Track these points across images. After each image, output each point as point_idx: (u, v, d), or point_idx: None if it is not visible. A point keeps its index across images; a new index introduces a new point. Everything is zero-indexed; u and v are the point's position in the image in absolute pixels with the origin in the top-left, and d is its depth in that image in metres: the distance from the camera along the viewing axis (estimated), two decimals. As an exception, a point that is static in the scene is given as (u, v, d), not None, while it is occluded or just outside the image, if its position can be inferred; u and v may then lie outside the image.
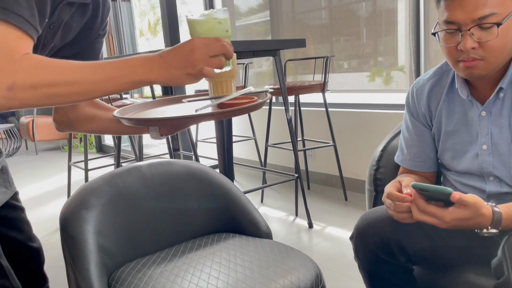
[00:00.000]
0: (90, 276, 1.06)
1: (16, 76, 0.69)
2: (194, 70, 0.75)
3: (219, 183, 1.45)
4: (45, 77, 0.71)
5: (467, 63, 0.94)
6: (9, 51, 0.70)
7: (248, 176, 3.85)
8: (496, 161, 1.01)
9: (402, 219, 0.94)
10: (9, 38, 0.70)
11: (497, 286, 0.88)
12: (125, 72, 0.74)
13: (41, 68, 0.71)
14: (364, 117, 3.04)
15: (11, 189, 1.13)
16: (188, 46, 0.75)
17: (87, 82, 0.73)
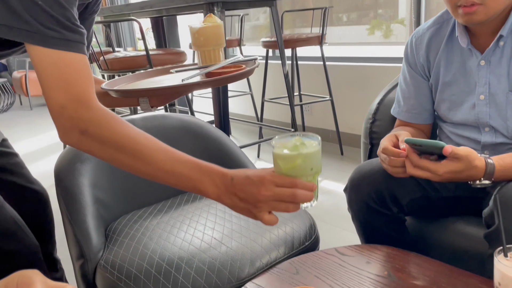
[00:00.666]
0: (87, 227, 1.07)
1: (89, 124, 0.72)
2: (255, 211, 0.71)
3: (214, 137, 1.44)
4: (116, 139, 0.73)
5: (467, 8, 0.92)
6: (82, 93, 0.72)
7: (245, 131, 3.85)
8: (493, 111, 1.01)
9: (396, 173, 0.94)
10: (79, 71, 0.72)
11: (487, 234, 0.90)
12: (193, 177, 0.73)
13: (114, 129, 0.74)
14: (362, 71, 2.99)
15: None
16: (259, 183, 0.70)
17: (152, 166, 0.74)
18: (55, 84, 0.71)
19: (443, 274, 0.86)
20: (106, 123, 0.74)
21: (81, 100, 0.72)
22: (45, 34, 0.69)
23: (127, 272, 0.96)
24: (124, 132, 0.74)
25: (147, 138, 0.75)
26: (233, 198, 0.72)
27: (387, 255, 0.96)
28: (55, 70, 0.71)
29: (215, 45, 1.02)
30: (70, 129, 0.73)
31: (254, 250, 1.00)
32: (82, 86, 0.73)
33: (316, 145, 0.72)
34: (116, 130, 0.74)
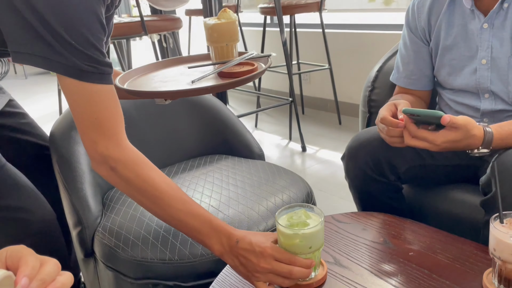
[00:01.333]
0: (84, 195, 1.07)
1: (118, 164, 0.78)
2: (253, 279, 0.76)
3: (212, 106, 1.43)
4: (139, 183, 0.80)
5: None
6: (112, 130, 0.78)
7: (242, 101, 3.82)
8: (494, 76, 0.99)
9: (393, 143, 0.94)
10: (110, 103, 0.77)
11: (484, 202, 0.90)
12: (203, 231, 0.80)
13: (140, 173, 0.80)
14: (362, 38, 2.94)
15: (4, 96, 1.12)
16: (260, 254, 0.75)
17: (167, 213, 0.81)
18: (88, 120, 0.76)
19: (438, 240, 0.87)
20: (133, 166, 0.80)
21: (112, 139, 0.78)
22: (80, 69, 0.72)
23: (125, 238, 0.96)
24: (148, 177, 0.81)
25: (168, 185, 0.82)
26: (235, 260, 0.78)
27: (383, 222, 0.96)
28: (88, 106, 0.76)
29: (228, 41, 1.02)
30: (101, 163, 0.79)
31: (251, 217, 1.01)
32: (113, 125, 0.78)
33: (317, 224, 0.75)
34: (140, 174, 0.80)
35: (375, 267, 0.81)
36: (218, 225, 0.80)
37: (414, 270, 0.79)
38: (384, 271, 0.80)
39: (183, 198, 0.82)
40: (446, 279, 0.75)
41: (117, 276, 0.98)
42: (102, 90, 0.76)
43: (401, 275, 0.78)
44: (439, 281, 0.75)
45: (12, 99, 1.18)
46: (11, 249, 0.42)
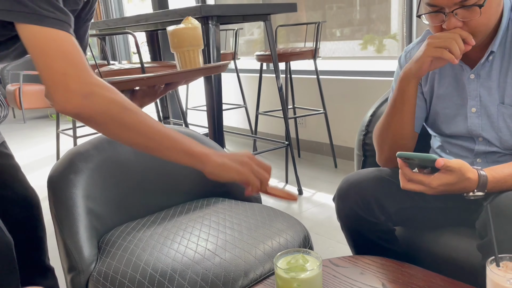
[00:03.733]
0: (79, 239, 1.07)
1: (95, 87, 0.77)
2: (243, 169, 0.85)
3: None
4: (120, 101, 0.79)
5: None
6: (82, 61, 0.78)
7: (239, 144, 3.85)
8: (485, 123, 1.02)
9: None
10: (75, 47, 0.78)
11: (480, 245, 0.90)
12: (186, 141, 0.84)
13: (117, 92, 0.80)
14: (356, 84, 3.03)
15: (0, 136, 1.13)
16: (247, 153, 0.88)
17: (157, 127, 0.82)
18: (56, 55, 0.75)
19: (436, 285, 0.86)
20: (108, 88, 0.79)
21: (83, 69, 0.77)
22: (41, 14, 0.74)
23: (120, 283, 0.95)
24: (124, 97, 0.80)
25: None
26: (223, 158, 0.84)
27: (380, 266, 0.96)
28: (54, 44, 0.75)
29: (189, 45, 1.06)
30: (72, 94, 0.76)
31: (248, 262, 1.00)
32: (81, 58, 0.78)
33: (315, 268, 0.77)
34: (117, 94, 0.80)
35: (373, 312, 0.80)
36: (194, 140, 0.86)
37: (413, 315, 0.78)
38: (383, 316, 0.78)
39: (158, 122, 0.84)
40: (445, 325, 0.74)
41: (110, 323, 0.95)
42: (66, 36, 0.77)
43: (400, 321, 0.77)
44: (439, 327, 0.74)
45: (5, 141, 1.20)
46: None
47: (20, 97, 5.61)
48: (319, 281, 0.76)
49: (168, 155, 0.84)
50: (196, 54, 1.08)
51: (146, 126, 0.81)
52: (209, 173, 0.85)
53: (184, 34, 1.06)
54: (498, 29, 0.97)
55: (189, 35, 1.06)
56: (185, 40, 1.05)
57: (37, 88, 5.66)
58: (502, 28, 0.97)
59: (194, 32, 1.06)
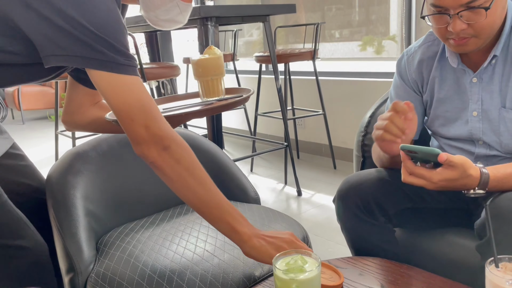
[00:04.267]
0: (78, 240, 1.06)
1: (172, 142, 0.83)
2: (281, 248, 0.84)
3: (207, 150, 1.44)
4: (190, 161, 0.85)
5: (458, 41, 0.94)
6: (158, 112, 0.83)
7: (238, 145, 3.85)
8: (486, 127, 1.02)
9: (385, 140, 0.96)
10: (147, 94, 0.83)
11: (479, 246, 0.90)
12: (234, 213, 0.87)
13: (191, 152, 0.86)
14: (355, 85, 3.03)
15: (5, 142, 1.15)
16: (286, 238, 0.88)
17: (210, 193, 0.87)
18: (135, 107, 0.81)
19: (435, 286, 0.86)
20: (184, 146, 0.85)
21: (160, 121, 0.83)
22: (118, 62, 0.79)
23: (118, 285, 0.94)
24: (196, 159, 0.87)
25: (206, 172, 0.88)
26: (261, 241, 0.85)
27: (379, 267, 0.96)
28: (132, 95, 0.81)
29: (213, 75, 1.11)
30: (153, 144, 0.82)
31: (246, 263, 1.00)
32: (156, 108, 0.83)
33: (314, 269, 0.76)
34: (191, 154, 0.86)
35: (372, 313, 0.79)
36: (243, 216, 0.89)
37: (412, 316, 0.78)
38: (382, 317, 0.78)
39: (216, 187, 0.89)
40: (445, 326, 0.74)
41: (108, 325, 0.95)
42: (138, 81, 0.83)
43: (399, 322, 0.76)
44: (438, 328, 0.74)
45: (15, 142, 1.21)
46: None
47: (19, 98, 5.61)
48: (317, 282, 0.76)
49: (214, 223, 0.88)
50: (219, 82, 1.13)
51: (203, 191, 0.86)
52: (246, 253, 0.88)
53: (208, 64, 1.10)
54: (501, 33, 0.97)
55: (213, 65, 1.10)
56: (209, 69, 1.09)
57: (36, 89, 5.66)
58: (506, 32, 0.96)
59: (217, 62, 1.10)
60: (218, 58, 1.10)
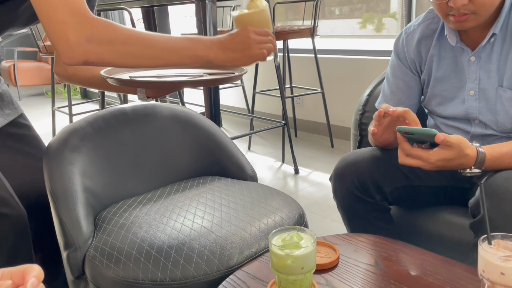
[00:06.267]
0: (76, 216, 1.07)
1: (94, 29, 0.78)
2: (249, 52, 0.85)
3: (205, 127, 1.44)
4: (121, 35, 0.81)
5: (458, 17, 0.92)
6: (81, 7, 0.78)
7: (236, 123, 3.85)
8: (482, 106, 1.02)
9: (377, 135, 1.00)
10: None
11: (473, 224, 0.91)
12: (189, 46, 0.85)
13: (117, 27, 0.81)
14: (354, 63, 3.00)
15: (15, 111, 1.15)
16: (243, 32, 0.86)
17: (157, 47, 0.83)
18: (54, 3, 0.76)
19: (428, 262, 0.88)
20: (108, 25, 0.80)
21: (80, 13, 0.78)
22: None
23: (116, 260, 0.96)
24: (124, 28, 0.82)
25: (142, 30, 0.86)
26: (227, 52, 0.85)
27: (374, 244, 0.97)
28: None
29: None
30: (75, 42, 0.77)
31: (243, 239, 1.01)
32: (80, 1, 0.78)
33: (309, 245, 0.77)
34: (117, 28, 0.81)
35: (366, 288, 0.81)
36: (198, 37, 0.87)
37: (405, 291, 0.79)
38: (375, 292, 0.80)
39: (159, 34, 0.86)
40: (436, 301, 0.76)
41: (107, 298, 0.97)
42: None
43: (392, 297, 0.78)
44: (430, 303, 0.76)
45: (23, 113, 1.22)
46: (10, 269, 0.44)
47: (15, 74, 5.55)
48: (313, 258, 0.77)
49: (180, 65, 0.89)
50: None
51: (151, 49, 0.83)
52: (220, 67, 0.89)
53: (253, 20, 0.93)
54: (500, 11, 0.96)
55: (257, 21, 0.93)
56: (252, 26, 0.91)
57: (32, 65, 5.60)
58: (505, 9, 0.95)
59: (261, 16, 0.93)
60: (261, 12, 0.93)
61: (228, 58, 0.86)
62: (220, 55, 0.85)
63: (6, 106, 1.15)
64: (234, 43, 0.85)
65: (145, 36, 0.84)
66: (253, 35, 0.86)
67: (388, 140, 1.01)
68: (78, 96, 5.54)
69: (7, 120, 1.13)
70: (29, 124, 1.21)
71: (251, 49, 0.85)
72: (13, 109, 1.16)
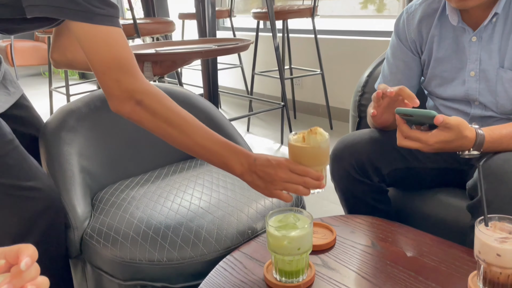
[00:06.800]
0: (73, 196, 1.07)
1: (144, 96, 0.82)
2: (271, 187, 0.83)
3: (203, 108, 1.43)
4: (165, 112, 0.84)
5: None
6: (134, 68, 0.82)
7: (234, 104, 3.83)
8: (483, 87, 1.00)
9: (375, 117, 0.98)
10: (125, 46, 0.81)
11: (470, 206, 0.91)
12: (223, 153, 0.86)
13: (165, 102, 0.84)
14: (354, 44, 2.97)
15: (18, 90, 1.15)
16: (277, 166, 0.83)
17: (194, 140, 0.85)
18: (108, 62, 0.80)
19: (425, 243, 0.88)
20: (158, 97, 0.84)
21: (134, 76, 0.82)
22: (93, 12, 0.77)
23: (114, 239, 0.96)
24: (172, 106, 0.85)
25: (188, 115, 0.86)
26: (253, 176, 0.84)
27: (371, 225, 0.97)
28: (106, 48, 0.80)
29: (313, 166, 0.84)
30: (126, 99, 0.82)
31: (240, 220, 1.01)
32: (132, 62, 0.82)
33: (305, 227, 0.76)
34: (165, 103, 0.84)
35: (362, 269, 0.82)
36: (236, 147, 0.87)
37: (401, 272, 0.80)
38: (371, 273, 0.80)
39: (203, 126, 0.87)
40: (432, 282, 0.76)
41: (105, 277, 0.97)
42: (115, 32, 0.80)
43: (388, 278, 0.78)
44: (425, 284, 0.76)
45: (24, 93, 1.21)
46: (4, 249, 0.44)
47: (11, 54, 5.49)
48: (309, 239, 0.77)
49: (205, 160, 0.89)
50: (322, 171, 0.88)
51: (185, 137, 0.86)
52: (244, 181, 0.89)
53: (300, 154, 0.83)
54: None
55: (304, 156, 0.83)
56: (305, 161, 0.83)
57: (29, 45, 5.53)
58: None
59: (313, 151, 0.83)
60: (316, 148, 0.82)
61: (251, 182, 0.85)
62: (246, 175, 0.85)
63: (9, 84, 1.14)
64: (264, 171, 0.83)
65: (187, 123, 0.85)
66: (284, 172, 0.81)
67: (387, 122, 1.00)
68: (76, 76, 5.49)
69: (14, 98, 1.13)
70: (30, 105, 1.21)
71: (274, 185, 0.83)
72: (16, 87, 1.16)
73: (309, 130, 0.84)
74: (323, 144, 0.83)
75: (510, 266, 0.67)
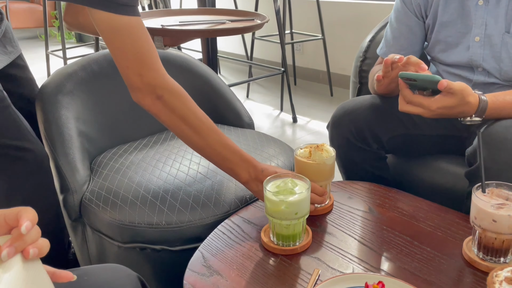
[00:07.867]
0: (72, 160, 1.07)
1: (165, 92, 0.83)
2: None
3: (202, 73, 1.41)
4: (183, 110, 0.85)
5: None
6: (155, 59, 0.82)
7: (234, 70, 3.78)
8: (487, 53, 0.98)
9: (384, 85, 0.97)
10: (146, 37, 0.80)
11: (468, 172, 0.91)
12: (234, 160, 0.88)
13: (184, 100, 0.86)
14: (357, 8, 2.89)
15: (16, 50, 1.15)
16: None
17: (207, 141, 0.87)
18: (131, 54, 0.80)
19: (421, 209, 0.89)
20: (179, 95, 0.85)
21: (157, 70, 0.83)
22: (116, 2, 0.75)
23: (112, 203, 0.96)
24: (192, 106, 0.87)
25: (206, 117, 0.88)
26: (259, 185, 0.87)
27: (368, 191, 0.98)
28: (129, 41, 0.79)
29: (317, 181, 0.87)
30: (147, 93, 0.83)
31: (238, 185, 1.01)
32: (154, 56, 0.82)
33: (303, 192, 0.76)
34: (185, 102, 0.86)
35: (359, 234, 0.83)
36: (246, 156, 0.89)
37: (397, 237, 0.81)
38: (368, 238, 0.81)
39: (217, 130, 0.89)
40: (427, 246, 0.77)
41: (105, 240, 0.99)
42: (138, 23, 0.79)
43: (383, 242, 0.79)
44: (420, 248, 0.77)
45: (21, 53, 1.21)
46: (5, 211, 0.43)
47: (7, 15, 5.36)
48: (306, 204, 0.78)
49: (214, 163, 0.91)
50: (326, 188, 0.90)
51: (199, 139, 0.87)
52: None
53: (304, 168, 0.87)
54: None
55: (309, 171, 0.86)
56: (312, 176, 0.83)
57: (25, 6, 5.39)
58: None
59: (318, 167, 0.86)
60: (321, 165, 0.86)
61: (256, 191, 0.88)
62: (252, 184, 0.88)
63: (8, 43, 1.12)
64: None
65: (203, 124, 0.86)
66: None
67: (391, 89, 0.98)
68: (73, 39, 5.39)
69: (11, 58, 1.12)
70: (25, 65, 1.20)
71: None
72: (15, 47, 1.15)
73: (316, 146, 0.89)
74: (328, 161, 0.87)
75: (505, 231, 0.68)
